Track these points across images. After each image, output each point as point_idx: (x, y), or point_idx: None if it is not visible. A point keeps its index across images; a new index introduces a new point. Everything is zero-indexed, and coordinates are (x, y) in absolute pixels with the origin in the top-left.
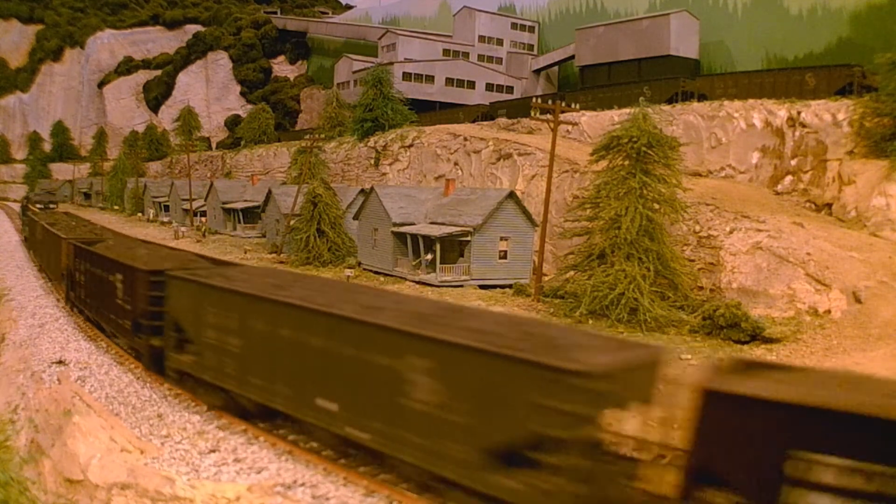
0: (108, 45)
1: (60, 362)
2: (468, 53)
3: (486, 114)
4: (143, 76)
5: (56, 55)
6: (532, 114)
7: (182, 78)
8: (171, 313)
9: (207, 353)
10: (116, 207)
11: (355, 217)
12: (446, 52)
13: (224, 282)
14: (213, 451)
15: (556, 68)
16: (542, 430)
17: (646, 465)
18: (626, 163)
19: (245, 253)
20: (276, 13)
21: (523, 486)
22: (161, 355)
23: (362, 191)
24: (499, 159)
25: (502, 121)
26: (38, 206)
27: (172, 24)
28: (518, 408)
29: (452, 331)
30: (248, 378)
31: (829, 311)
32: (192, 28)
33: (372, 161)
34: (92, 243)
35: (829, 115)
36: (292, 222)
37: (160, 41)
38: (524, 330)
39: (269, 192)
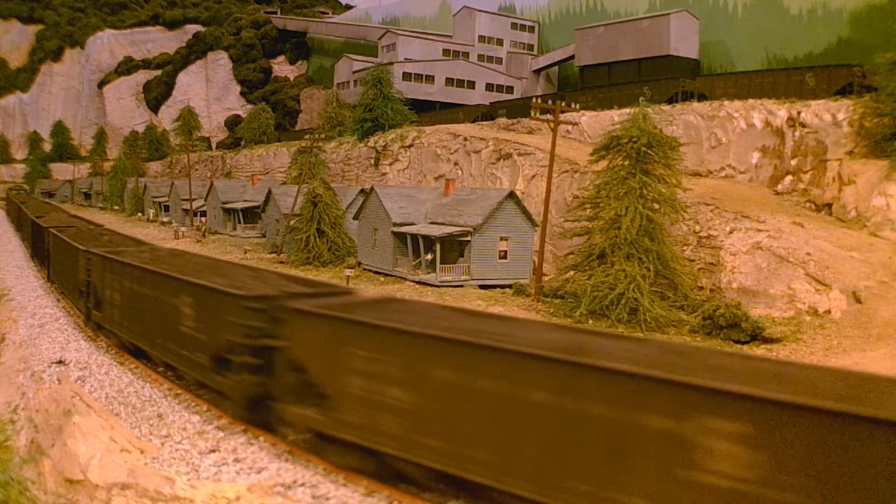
0: (108, 45)
1: (60, 362)
2: (468, 53)
3: (486, 114)
4: (143, 76)
5: (56, 55)
6: (532, 114)
7: (182, 78)
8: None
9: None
10: (116, 207)
11: (355, 217)
12: (446, 52)
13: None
14: (213, 451)
15: (556, 68)
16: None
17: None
18: (626, 163)
19: (245, 253)
20: (276, 13)
21: None
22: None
23: (362, 191)
24: (499, 159)
25: (502, 121)
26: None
27: (172, 24)
28: None
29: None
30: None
31: (829, 311)
32: (192, 28)
33: (372, 161)
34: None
35: (829, 115)
36: (292, 222)
37: (160, 41)
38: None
39: (269, 192)
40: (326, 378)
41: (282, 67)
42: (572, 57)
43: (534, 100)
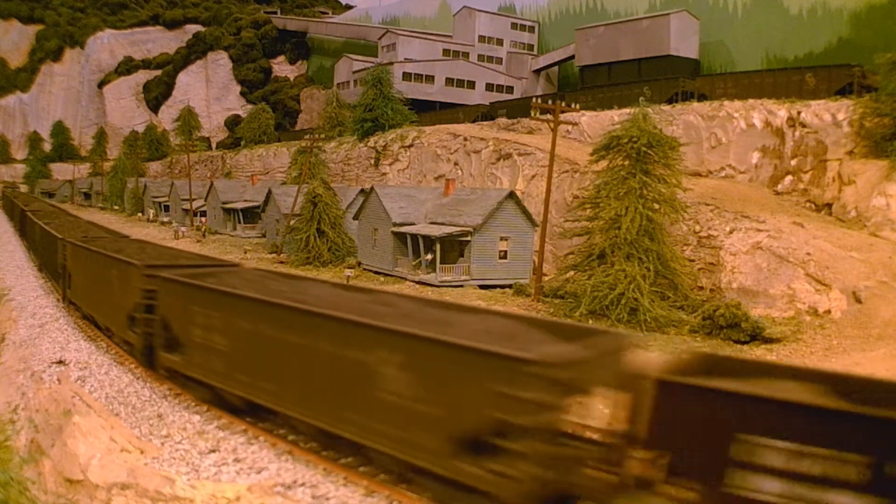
0: (108, 45)
1: (60, 362)
2: (468, 53)
3: (486, 114)
4: (143, 76)
5: (56, 55)
6: (532, 114)
7: (182, 78)
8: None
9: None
10: (116, 207)
11: (355, 217)
12: (446, 52)
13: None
14: (213, 451)
15: (556, 68)
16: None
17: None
18: (626, 163)
19: (245, 253)
20: (276, 13)
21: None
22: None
23: (362, 191)
24: (499, 159)
25: (502, 121)
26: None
27: (172, 24)
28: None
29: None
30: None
31: (829, 311)
32: (192, 28)
33: (372, 161)
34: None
35: (829, 115)
36: (292, 222)
37: (160, 41)
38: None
39: (269, 192)
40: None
41: (282, 67)
42: (572, 57)
43: (534, 100)
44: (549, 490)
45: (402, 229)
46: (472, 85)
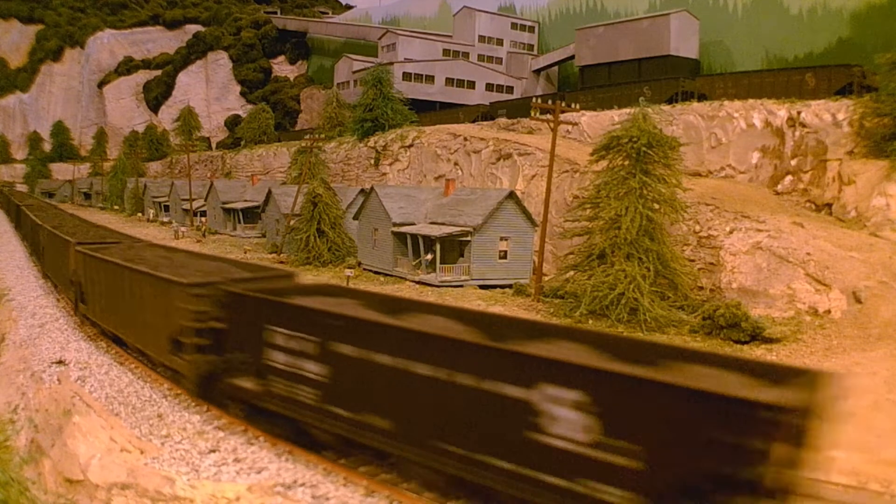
0: (108, 45)
1: (60, 362)
2: (468, 53)
3: (486, 114)
4: (143, 76)
5: (56, 55)
6: (532, 114)
7: (182, 78)
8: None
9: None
10: (116, 207)
11: (355, 217)
12: (446, 52)
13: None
14: (213, 451)
15: (556, 68)
16: None
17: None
18: (626, 163)
19: (245, 253)
20: (276, 13)
21: None
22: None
23: (362, 191)
24: (499, 159)
25: (502, 121)
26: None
27: (172, 24)
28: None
29: None
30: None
31: (829, 311)
32: (192, 28)
33: (372, 161)
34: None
35: (829, 115)
36: (292, 222)
37: (160, 41)
38: None
39: (269, 192)
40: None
41: (282, 67)
42: (572, 57)
43: (534, 100)
44: (206, 368)
45: (402, 229)
46: (472, 85)
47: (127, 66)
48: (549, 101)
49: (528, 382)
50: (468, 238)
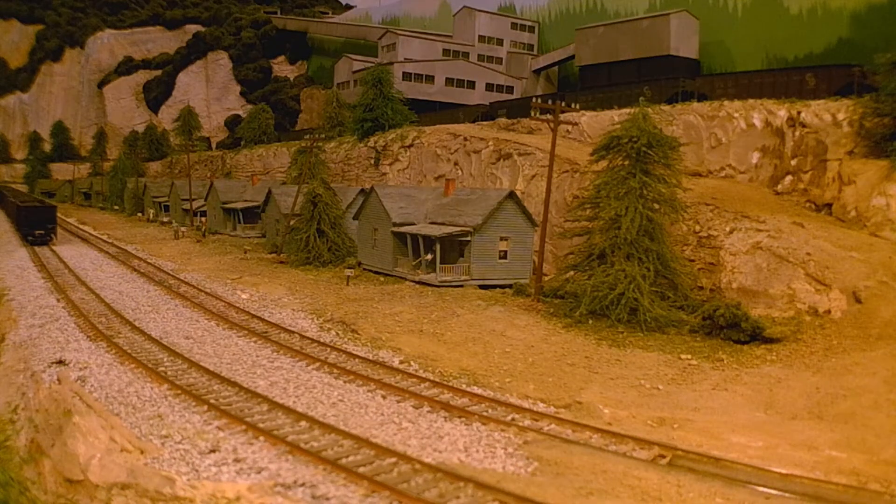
0: (108, 45)
1: (60, 362)
2: (468, 53)
3: (486, 114)
4: (143, 76)
5: (56, 55)
6: (532, 114)
7: (182, 78)
8: None
9: None
10: (116, 207)
11: (355, 217)
12: (446, 52)
13: None
14: (213, 450)
15: (556, 68)
16: None
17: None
18: (626, 163)
19: (245, 253)
20: (276, 13)
21: None
22: None
23: (362, 191)
24: (499, 159)
25: (502, 121)
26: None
27: (172, 24)
28: None
29: None
30: None
31: (829, 311)
32: (192, 28)
33: (372, 161)
34: None
35: (829, 115)
36: (292, 222)
37: (160, 41)
38: None
39: (269, 192)
40: None
41: (282, 67)
42: (572, 57)
43: (534, 100)
44: None
45: (402, 229)
46: (472, 85)
47: (127, 66)
48: (549, 101)
49: None
50: (468, 238)
